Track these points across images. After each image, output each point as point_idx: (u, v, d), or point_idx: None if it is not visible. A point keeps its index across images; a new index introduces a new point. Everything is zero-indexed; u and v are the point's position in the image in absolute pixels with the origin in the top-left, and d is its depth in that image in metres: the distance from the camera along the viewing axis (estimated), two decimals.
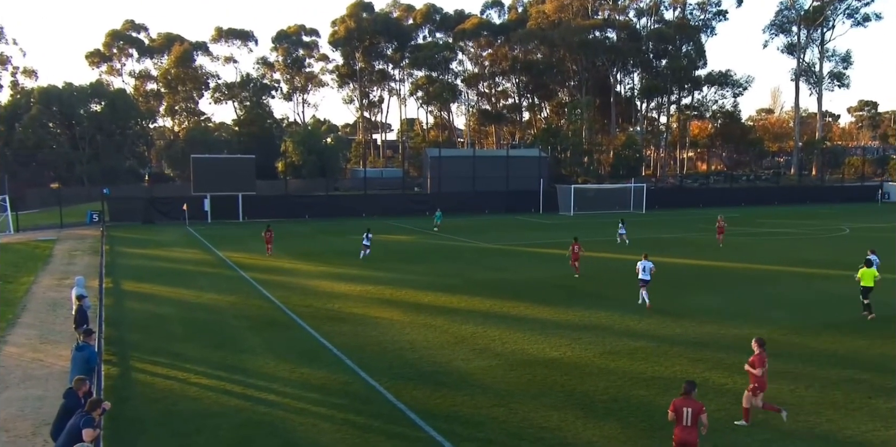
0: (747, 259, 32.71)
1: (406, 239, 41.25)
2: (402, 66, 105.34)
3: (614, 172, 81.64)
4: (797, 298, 23.51)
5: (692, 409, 10.00)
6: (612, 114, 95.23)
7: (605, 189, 65.42)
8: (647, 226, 48.06)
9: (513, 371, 15.43)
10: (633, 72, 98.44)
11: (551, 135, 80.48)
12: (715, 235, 38.80)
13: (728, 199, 70.12)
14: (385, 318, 20.43)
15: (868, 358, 16.49)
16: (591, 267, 30.33)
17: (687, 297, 23.68)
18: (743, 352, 16.76)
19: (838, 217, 55.84)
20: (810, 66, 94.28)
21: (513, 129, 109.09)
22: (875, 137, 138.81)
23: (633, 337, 18.37)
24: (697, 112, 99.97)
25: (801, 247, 37.25)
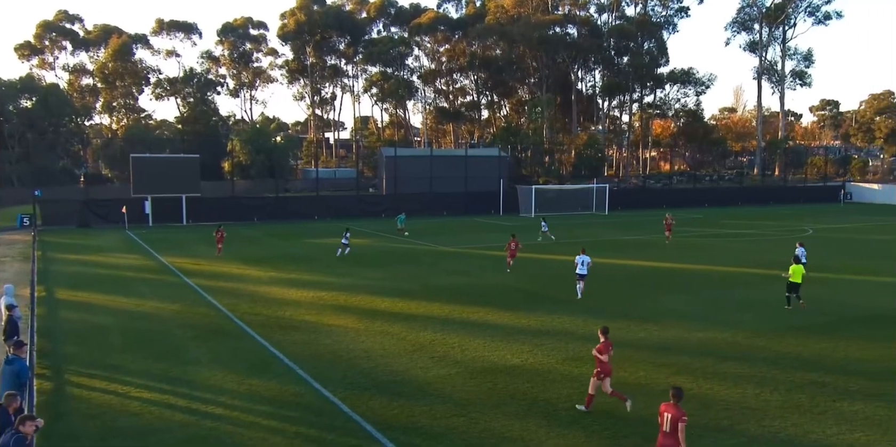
0: (711, 261, 33.35)
1: (361, 242, 41.00)
2: (355, 62, 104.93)
3: (576, 172, 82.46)
4: (762, 300, 24.03)
5: (671, 416, 10.20)
6: (574, 112, 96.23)
7: (566, 190, 66.00)
8: (610, 228, 48.67)
9: (473, 379, 15.46)
10: (595, 69, 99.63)
11: (511, 134, 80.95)
12: (664, 233, 40.11)
13: (691, 200, 71.40)
14: (339, 326, 20.29)
15: (832, 360, 16.95)
16: (551, 270, 30.59)
17: (651, 300, 24.03)
18: (709, 357, 17.13)
19: (801, 218, 57.31)
20: (772, 65, 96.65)
21: (471, 128, 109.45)
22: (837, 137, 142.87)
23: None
24: (660, 111, 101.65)
25: (764, 248, 38.10)
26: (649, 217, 55.27)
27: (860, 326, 20.39)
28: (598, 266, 31.09)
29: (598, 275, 28.87)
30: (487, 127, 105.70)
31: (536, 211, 58.77)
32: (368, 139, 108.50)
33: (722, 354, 17.40)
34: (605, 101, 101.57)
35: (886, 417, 13.28)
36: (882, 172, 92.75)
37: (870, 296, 24.85)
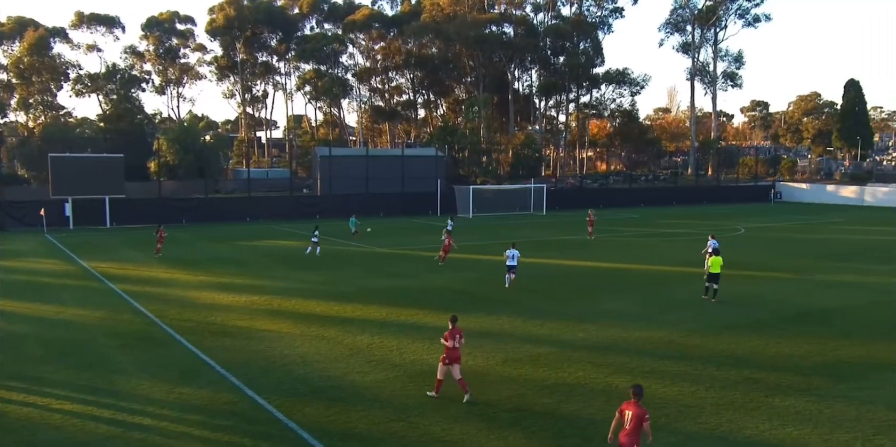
0: (648, 260, 34.12)
1: (295, 244, 40.52)
2: (287, 59, 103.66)
3: (513, 172, 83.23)
4: (697, 299, 24.69)
5: (633, 414, 10.41)
6: (511, 112, 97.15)
7: (504, 190, 66.58)
8: (548, 228, 49.30)
9: (412, 383, 15.44)
10: (532, 69, 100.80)
11: (448, 133, 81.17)
12: (587, 232, 41.94)
13: (628, 200, 72.93)
14: (273, 331, 20.00)
15: (765, 357, 17.54)
16: (491, 271, 30.80)
17: (589, 300, 24.43)
18: (647, 356, 17.51)
19: (734, 217, 59.15)
20: (705, 66, 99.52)
21: (408, 127, 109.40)
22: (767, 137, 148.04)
23: (535, 342, 18.78)
24: (596, 111, 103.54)
25: (699, 247, 39.15)
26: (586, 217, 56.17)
27: (791, 323, 21.15)
28: (537, 266, 31.52)
29: (537, 276, 29.23)
30: (424, 126, 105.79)
31: (474, 211, 59.11)
32: (302, 138, 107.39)
33: (659, 353, 17.82)
34: (541, 100, 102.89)
35: (817, 411, 13.81)
36: (810, 172, 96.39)
37: (800, 294, 25.80)
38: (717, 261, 24.62)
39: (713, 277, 24.48)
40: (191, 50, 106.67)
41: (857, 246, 38.27)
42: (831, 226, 51.67)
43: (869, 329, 20.40)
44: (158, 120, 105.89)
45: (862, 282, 28.35)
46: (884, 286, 27.42)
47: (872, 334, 19.76)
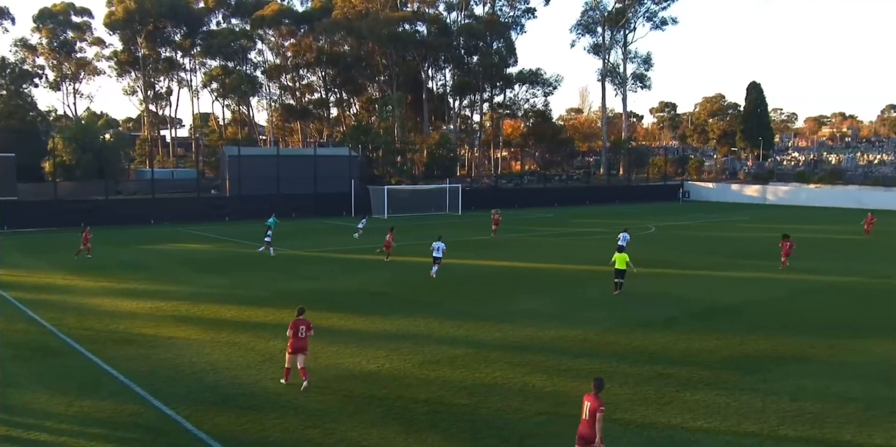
0: (563, 259, 34.84)
1: (203, 247, 39.54)
2: (193, 55, 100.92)
3: (428, 172, 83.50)
4: (611, 298, 25.38)
5: (589, 405, 10.84)
6: (425, 111, 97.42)
7: (419, 190, 66.69)
8: (464, 228, 49.68)
9: (327, 388, 15.30)
10: (445, 68, 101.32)
11: (362, 133, 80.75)
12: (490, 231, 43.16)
13: (542, 199, 74.23)
14: (181, 338, 19.45)
15: (676, 352, 18.19)
16: (408, 272, 30.85)
17: (505, 300, 24.76)
18: (562, 354, 17.88)
19: (645, 216, 61.04)
20: (615, 67, 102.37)
21: (320, 127, 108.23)
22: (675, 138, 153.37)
23: (452, 344, 18.91)
24: (510, 111, 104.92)
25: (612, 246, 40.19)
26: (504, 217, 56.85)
27: (700, 319, 22.00)
28: (454, 267, 31.72)
29: (454, 276, 29.42)
30: (337, 125, 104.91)
31: (389, 212, 59.00)
32: (209, 137, 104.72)
33: (574, 351, 18.22)
34: (456, 100, 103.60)
35: (725, 404, 14.40)
36: (716, 171, 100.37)
37: (708, 291, 26.85)
38: (622, 257, 25.76)
39: (618, 273, 25.69)
40: (88, 44, 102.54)
41: (760, 243, 40.09)
42: (736, 225, 53.95)
43: (772, 323, 21.40)
44: (53, 117, 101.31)
45: (765, 278, 29.71)
46: (786, 282, 28.81)
47: (776, 328, 20.75)
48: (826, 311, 23.34)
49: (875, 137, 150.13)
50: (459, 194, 64.98)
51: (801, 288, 27.61)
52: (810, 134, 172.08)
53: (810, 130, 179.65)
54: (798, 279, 29.43)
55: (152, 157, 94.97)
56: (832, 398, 14.76)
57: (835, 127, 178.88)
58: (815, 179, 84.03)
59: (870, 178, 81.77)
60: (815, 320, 21.91)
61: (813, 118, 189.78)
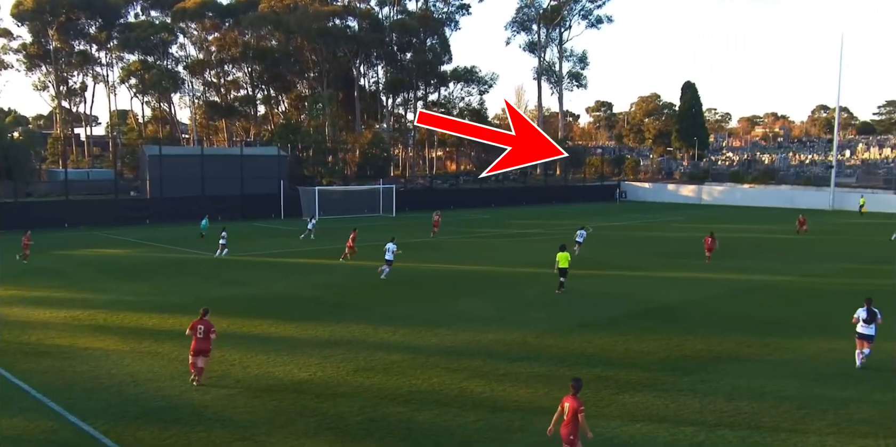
0: (501, 261, 35.12)
1: (122, 252, 38.49)
2: (109, 48, 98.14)
3: (361, 173, 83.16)
4: (550, 299, 25.71)
5: (570, 406, 11.26)
6: (357, 109, 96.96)
7: (351, 191, 66.36)
8: (398, 230, 49.53)
9: (257, 398, 15.07)
10: (378, 65, 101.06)
11: (291, 131, 79.86)
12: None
13: (478, 200, 74.70)
14: (99, 349, 18.89)
15: (615, 354, 18.52)
16: (340, 276, 30.67)
17: (442, 304, 24.81)
18: (501, 358, 18.02)
19: (582, 216, 61.99)
20: (551, 66, 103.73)
21: (247, 125, 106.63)
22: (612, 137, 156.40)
23: (388, 350, 18.86)
24: (445, 109, 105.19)
25: (550, 247, 40.66)
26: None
27: (638, 320, 22.46)
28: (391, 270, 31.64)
29: (389, 280, 29.36)
30: (265, 124, 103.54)
31: (321, 213, 58.52)
32: (128, 136, 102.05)
33: (513, 355, 18.38)
34: (389, 98, 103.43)
35: (663, 406, 14.74)
36: (652, 171, 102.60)
37: (646, 291, 27.44)
38: (565, 256, 26.67)
39: (562, 272, 26.58)
40: None
41: (696, 244, 41.08)
42: (672, 225, 55.30)
43: (709, 324, 22.00)
44: None
45: (702, 278, 30.52)
46: (722, 282, 29.66)
47: (712, 329, 21.33)
48: (761, 310, 24.12)
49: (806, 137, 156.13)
50: (393, 195, 64.88)
51: (737, 287, 28.46)
52: (744, 134, 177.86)
53: (744, 130, 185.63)
54: (734, 279, 30.33)
55: (66, 157, 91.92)
56: (767, 397, 15.25)
57: (767, 127, 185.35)
58: (748, 179, 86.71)
59: (801, 178, 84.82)
60: (750, 319, 22.62)
61: (746, 118, 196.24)
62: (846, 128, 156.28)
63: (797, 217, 50.45)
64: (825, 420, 13.94)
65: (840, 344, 19.37)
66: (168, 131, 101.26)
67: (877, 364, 17.60)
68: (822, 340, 19.88)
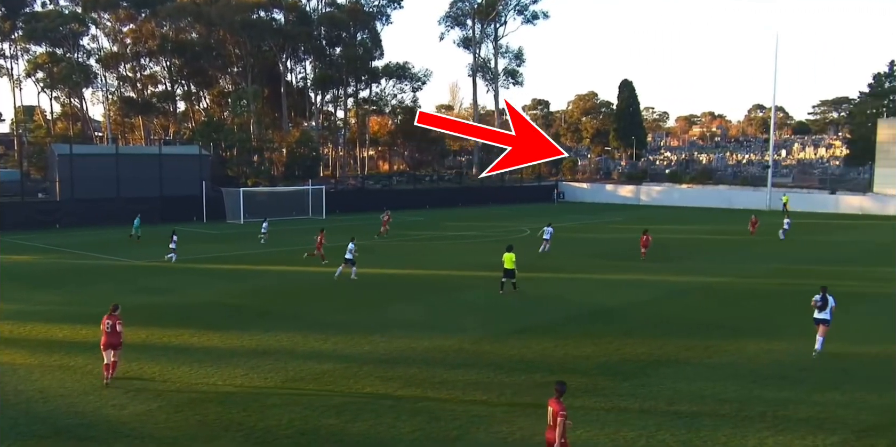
0: (436, 265, 35.21)
1: (30, 259, 37.27)
2: (13, 39, 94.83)
3: (289, 173, 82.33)
4: (487, 303, 25.93)
5: (552, 410, 11.51)
6: (284, 106, 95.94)
7: (279, 192, 65.63)
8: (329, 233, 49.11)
9: (179, 413, 14.78)
10: (306, 60, 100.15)
11: (213, 129, 78.55)
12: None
13: (412, 201, 74.71)
14: (4, 363, 18.25)
15: (554, 359, 18.77)
16: (267, 282, 30.33)
17: (375, 310, 24.76)
18: (437, 366, 18.07)
19: (520, 218, 62.65)
20: (486, 62, 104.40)
21: (165, 122, 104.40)
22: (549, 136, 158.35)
23: (318, 359, 18.72)
24: (376, 107, 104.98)
25: (486, 250, 41.01)
26: (370, 220, 56.91)
27: (577, 324, 22.80)
28: (318, 275, 31.43)
29: (319, 286, 29.15)
30: (185, 121, 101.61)
31: (246, 216, 57.72)
32: (35, 133, 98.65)
33: (449, 362, 18.45)
34: (318, 95, 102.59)
35: (604, 411, 14.99)
36: (590, 171, 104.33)
37: (584, 294, 27.89)
38: (510, 257, 27.34)
39: (507, 273, 27.24)
40: None
41: (635, 245, 41.92)
42: (611, 226, 56.31)
43: (648, 326, 22.48)
44: None
45: (642, 280, 31.17)
46: (659, 283, 30.34)
47: (652, 331, 21.81)
48: (700, 312, 24.76)
49: (743, 137, 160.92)
50: (323, 196, 64.41)
51: (676, 289, 29.15)
52: (681, 133, 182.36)
53: (681, 129, 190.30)
54: (673, 280, 31.05)
55: None
56: (707, 400, 15.67)
57: (705, 126, 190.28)
58: (686, 179, 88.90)
59: (739, 178, 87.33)
60: (690, 321, 23.20)
61: (684, 117, 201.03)
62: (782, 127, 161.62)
63: (749, 217, 50.93)
64: (765, 422, 14.38)
65: (778, 345, 20.05)
66: (79, 129, 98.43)
67: (812, 364, 18.28)
68: (761, 341, 20.51)
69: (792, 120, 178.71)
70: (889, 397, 15.78)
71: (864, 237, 48.57)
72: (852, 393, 16.05)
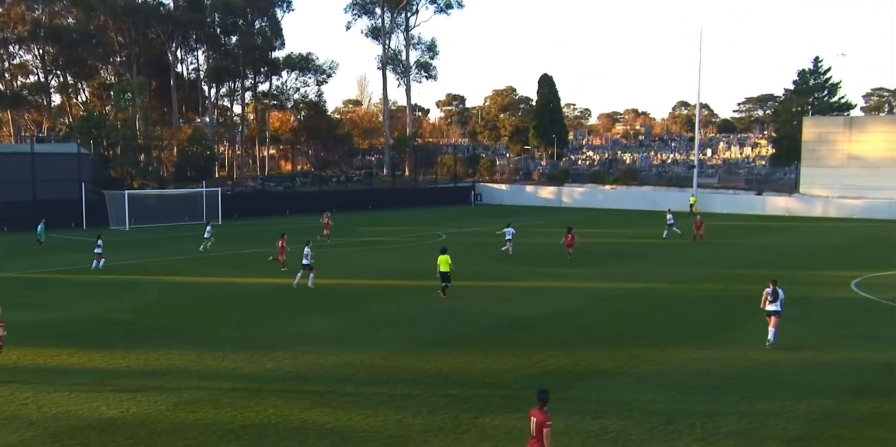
0: (345, 273, 35.00)
1: None
2: None
3: (180, 174, 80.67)
4: (400, 314, 25.96)
5: (535, 420, 11.76)
6: (174, 100, 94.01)
7: (169, 195, 64.25)
8: (226, 240, 48.33)
9: (57, 442, 14.31)
10: (198, 49, 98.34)
11: (94, 125, 76.39)
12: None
13: (318, 204, 73.86)
14: None
15: (472, 374, 18.88)
16: (158, 295, 29.64)
17: (279, 324, 24.48)
18: (347, 383, 17.97)
19: (435, 222, 62.92)
20: (397, 54, 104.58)
21: (38, 117, 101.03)
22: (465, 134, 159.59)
23: (216, 379, 18.38)
24: (277, 101, 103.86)
25: (400, 256, 41.15)
26: (272, 226, 56.26)
27: (497, 335, 23.02)
28: (216, 286, 30.88)
29: (216, 298, 28.64)
30: (61, 116, 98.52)
31: (132, 222, 56.29)
32: None
33: (361, 379, 18.36)
34: (212, 88, 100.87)
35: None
36: (509, 172, 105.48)
37: (504, 303, 28.20)
38: (445, 259, 28.45)
39: (443, 276, 28.40)
40: None
41: (556, 249, 42.66)
42: (532, 230, 57.04)
43: (572, 336, 22.86)
44: None
45: (565, 287, 31.72)
46: (583, 290, 30.92)
47: (576, 342, 22.19)
48: (626, 320, 25.33)
49: (668, 135, 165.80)
50: (219, 200, 63.31)
51: (601, 296, 29.75)
52: (604, 131, 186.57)
53: (604, 127, 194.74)
54: (597, 287, 31.68)
55: None
56: (635, 413, 16.02)
57: (628, 124, 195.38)
58: (610, 180, 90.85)
59: (663, 179, 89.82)
60: (615, 330, 23.70)
61: (607, 114, 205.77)
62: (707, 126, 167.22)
63: (693, 220, 49.99)
64: (693, 434, 14.79)
65: (706, 353, 20.70)
66: None
67: (739, 374, 18.92)
68: (688, 350, 21.11)
69: (717, 118, 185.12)
70: (816, 406, 16.48)
71: (790, 240, 50.57)
72: (782, 402, 16.67)
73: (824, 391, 17.51)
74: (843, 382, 18.28)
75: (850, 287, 31.79)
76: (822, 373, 19.04)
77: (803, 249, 45.42)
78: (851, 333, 23.62)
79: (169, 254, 40.82)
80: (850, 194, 70.10)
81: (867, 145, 71.84)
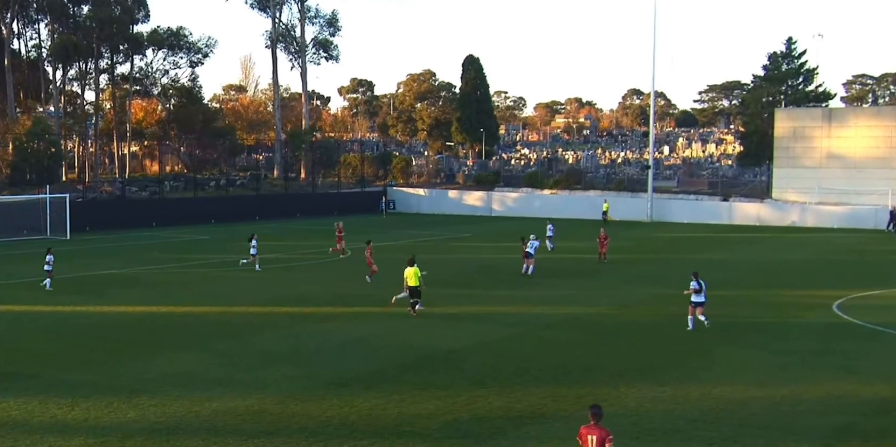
0: (226, 300, 34.56)
1: None
2: None
3: (18, 177, 78.85)
4: (295, 349, 25.72)
5: (596, 437, 12.60)
6: (9, 84, 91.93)
7: (2, 203, 62.63)
8: (75, 259, 47.30)
9: None
10: (40, 21, 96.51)
11: None
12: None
13: (192, 214, 73.13)
14: None
15: (385, 420, 18.80)
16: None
17: (143, 362, 24.08)
18: (229, 435, 17.74)
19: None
20: (290, 30, 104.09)
21: None
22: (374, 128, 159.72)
23: (62, 432, 17.97)
24: (141, 86, 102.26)
25: (298, 277, 40.85)
26: (134, 240, 55.31)
27: (414, 372, 22.98)
28: (59, 317, 30.19)
29: (62, 331, 28.00)
30: None
31: None
32: None
33: (246, 430, 18.11)
34: (57, 69, 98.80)
35: None
36: (428, 174, 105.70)
37: (422, 333, 28.20)
38: (415, 272, 30.28)
39: (412, 291, 30.25)
40: None
41: (481, 267, 43.02)
42: (455, 244, 57.39)
43: (505, 372, 22.97)
44: None
45: (493, 312, 31.93)
46: (517, 316, 31.19)
47: (510, 379, 22.30)
48: (569, 352, 25.58)
49: (617, 130, 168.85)
50: (67, 208, 61.94)
51: (539, 323, 30.03)
52: (542, 124, 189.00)
53: (542, 120, 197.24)
54: (535, 312, 31.99)
55: None
56: None
57: (570, 116, 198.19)
58: (549, 183, 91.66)
59: (613, 181, 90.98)
60: (557, 364, 23.89)
61: (544, 105, 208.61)
62: (664, 118, 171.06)
63: (597, 234, 48.96)
64: None
65: (664, 391, 21.00)
66: None
67: (703, 415, 19.25)
68: (644, 387, 21.40)
69: (675, 109, 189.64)
70: None
71: (761, 255, 51.91)
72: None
73: (803, 434, 17.92)
74: (825, 422, 18.75)
75: (832, 309, 32.72)
76: (800, 412, 19.48)
77: (777, 265, 46.69)
78: (833, 364, 24.29)
79: (1, 278, 39.75)
80: (829, 200, 72.23)
81: (849, 142, 73.77)
